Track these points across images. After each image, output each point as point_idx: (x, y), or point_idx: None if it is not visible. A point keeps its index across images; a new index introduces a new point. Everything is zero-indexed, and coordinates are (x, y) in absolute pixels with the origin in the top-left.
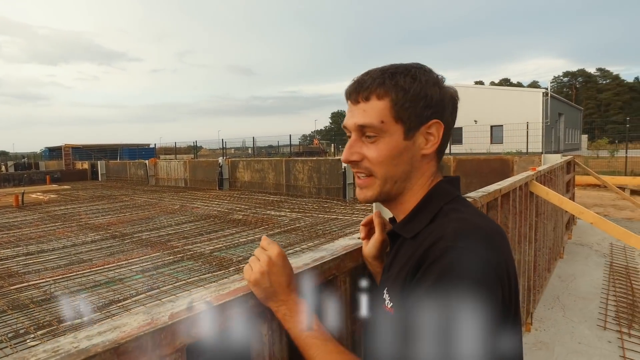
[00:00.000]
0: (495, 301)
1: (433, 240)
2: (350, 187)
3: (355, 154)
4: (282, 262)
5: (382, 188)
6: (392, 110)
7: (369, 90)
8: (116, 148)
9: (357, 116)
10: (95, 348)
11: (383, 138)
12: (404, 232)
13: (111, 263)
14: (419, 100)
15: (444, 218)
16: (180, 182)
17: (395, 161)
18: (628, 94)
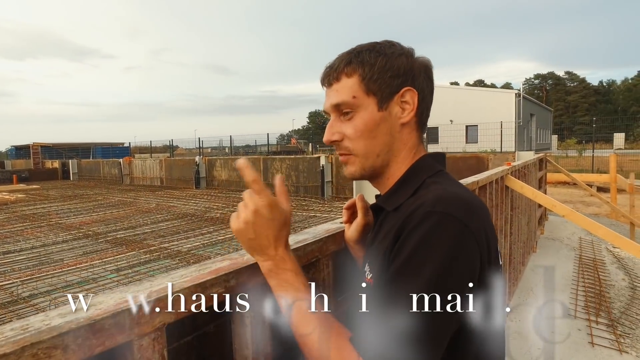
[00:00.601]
0: (473, 266)
1: (413, 208)
2: (329, 185)
3: (336, 133)
4: (271, 214)
5: (365, 163)
6: (362, 85)
7: (338, 71)
8: (89, 147)
9: (332, 97)
10: (69, 325)
11: (358, 112)
12: (386, 205)
13: (84, 262)
14: (385, 71)
15: (425, 189)
16: (156, 181)
17: (374, 134)
18: (593, 97)
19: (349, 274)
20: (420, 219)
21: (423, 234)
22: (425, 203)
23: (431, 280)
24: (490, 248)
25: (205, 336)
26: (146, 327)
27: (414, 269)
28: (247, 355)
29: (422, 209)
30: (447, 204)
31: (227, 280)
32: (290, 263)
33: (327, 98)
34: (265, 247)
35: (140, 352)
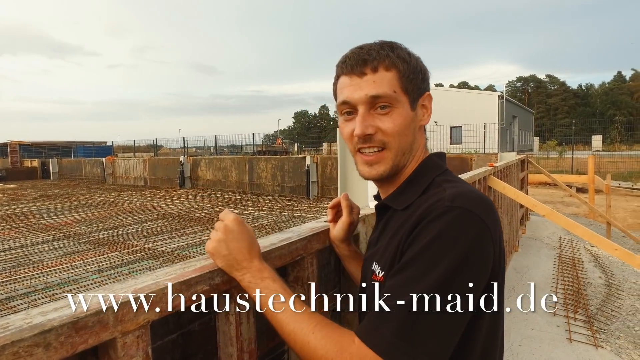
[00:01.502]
0: (488, 261)
1: (431, 203)
2: (314, 185)
3: (370, 126)
4: (239, 228)
5: (395, 161)
6: (400, 81)
7: (377, 62)
8: (70, 146)
9: (367, 87)
10: (51, 322)
11: (397, 108)
12: (395, 204)
13: (64, 263)
14: (418, 72)
15: (438, 188)
16: (140, 181)
17: (407, 131)
18: (573, 100)
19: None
20: (440, 212)
21: (442, 226)
22: (444, 198)
23: (447, 273)
24: (501, 244)
25: (190, 334)
26: (130, 324)
27: (431, 260)
28: (232, 352)
29: (440, 203)
30: (466, 200)
31: (211, 278)
32: (267, 272)
33: (359, 88)
34: (241, 261)
35: (124, 350)
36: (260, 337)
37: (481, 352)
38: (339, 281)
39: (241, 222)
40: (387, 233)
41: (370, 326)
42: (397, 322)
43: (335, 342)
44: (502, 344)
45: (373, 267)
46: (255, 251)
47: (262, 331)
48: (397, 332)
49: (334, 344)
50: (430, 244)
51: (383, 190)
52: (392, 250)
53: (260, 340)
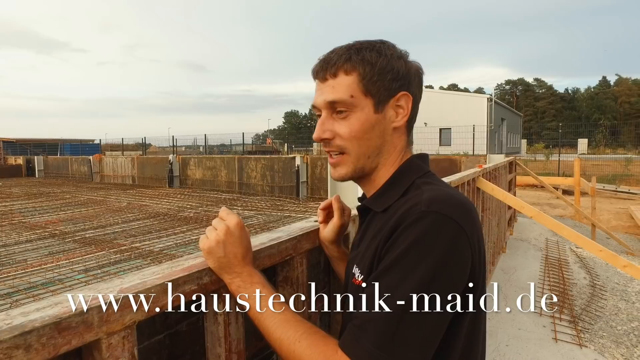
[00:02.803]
0: (466, 267)
1: (407, 207)
2: (304, 185)
3: (327, 131)
4: (240, 233)
5: (356, 164)
6: (361, 85)
7: (336, 67)
8: (56, 143)
9: (326, 93)
10: (32, 324)
11: (354, 113)
12: (374, 206)
13: (49, 263)
14: (386, 73)
15: (417, 190)
16: (128, 180)
17: (367, 135)
18: (560, 103)
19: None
20: (416, 217)
21: (418, 232)
22: (421, 202)
23: (424, 280)
24: (480, 249)
25: (178, 334)
26: (116, 325)
27: (407, 267)
28: (220, 353)
29: (417, 207)
30: (443, 205)
31: (200, 277)
32: (257, 277)
33: (320, 93)
34: (234, 265)
35: (109, 351)
36: (249, 337)
37: (461, 354)
38: (329, 281)
39: (243, 227)
40: (367, 236)
41: (351, 337)
42: (377, 333)
43: (319, 351)
44: (483, 345)
45: (354, 271)
46: (249, 257)
47: (250, 331)
48: (378, 343)
49: (318, 354)
50: (406, 251)
51: (365, 191)
52: (370, 254)
53: (249, 341)
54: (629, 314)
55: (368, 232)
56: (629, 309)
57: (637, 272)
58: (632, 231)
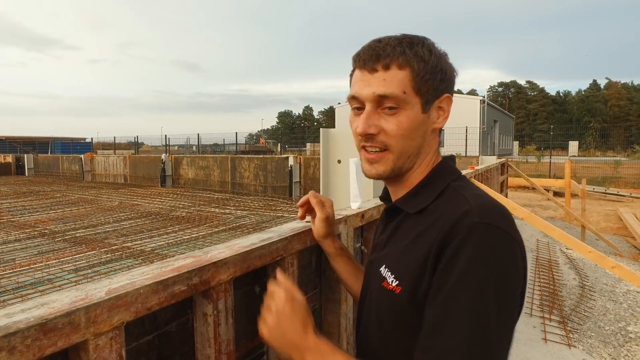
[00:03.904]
0: (522, 278)
1: (456, 217)
2: (297, 185)
3: (373, 126)
4: (290, 306)
5: (396, 163)
6: (413, 82)
7: (390, 59)
8: (47, 141)
9: (376, 85)
10: (17, 325)
11: (404, 110)
12: (407, 207)
13: (38, 263)
14: (436, 72)
15: (455, 193)
16: (120, 179)
17: (413, 135)
18: (551, 106)
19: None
20: (469, 230)
21: (477, 248)
22: (470, 212)
23: (495, 297)
24: (525, 257)
25: (167, 335)
26: (103, 325)
27: (475, 289)
28: (210, 354)
29: (468, 219)
30: (492, 215)
31: (189, 278)
32: (324, 345)
33: (367, 84)
34: (297, 341)
35: (96, 352)
36: (240, 338)
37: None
38: (320, 282)
39: (292, 298)
40: (399, 237)
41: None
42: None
43: None
44: None
45: (384, 273)
46: (309, 325)
47: (241, 332)
48: None
49: None
50: (468, 273)
51: (392, 191)
52: (412, 261)
53: (240, 341)
54: (617, 314)
55: (399, 234)
56: (616, 309)
57: (625, 273)
58: (620, 233)
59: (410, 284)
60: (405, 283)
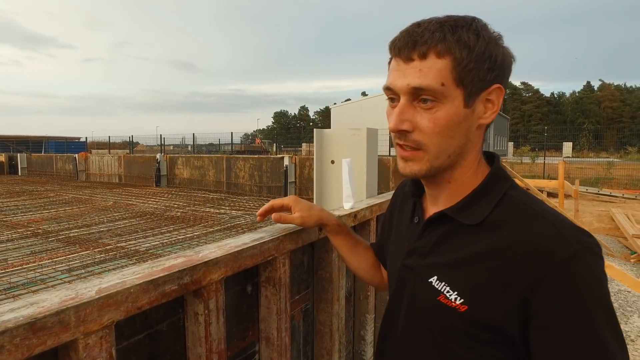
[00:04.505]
0: None
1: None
2: (292, 185)
3: (406, 122)
4: None
5: (433, 163)
6: (454, 72)
7: (427, 46)
8: (40, 140)
9: (411, 76)
10: (6, 324)
11: (442, 104)
12: (462, 218)
13: (31, 263)
14: (483, 60)
15: (522, 208)
16: (114, 178)
17: (452, 132)
18: (546, 107)
19: None
20: (573, 259)
21: (584, 280)
22: (564, 238)
23: (610, 329)
24: None
25: (158, 334)
26: (93, 325)
27: (592, 323)
28: (201, 353)
29: (565, 247)
30: (585, 239)
31: (180, 277)
32: None
33: (401, 74)
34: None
35: (86, 351)
36: (231, 337)
37: None
38: (312, 282)
39: None
40: (452, 249)
41: None
42: None
43: None
44: None
45: (438, 286)
46: None
47: (233, 331)
48: None
49: None
50: (584, 305)
51: (431, 191)
52: (484, 282)
53: (231, 340)
54: None
55: (453, 245)
56: None
57: (616, 273)
58: (612, 233)
59: (480, 306)
60: (474, 304)
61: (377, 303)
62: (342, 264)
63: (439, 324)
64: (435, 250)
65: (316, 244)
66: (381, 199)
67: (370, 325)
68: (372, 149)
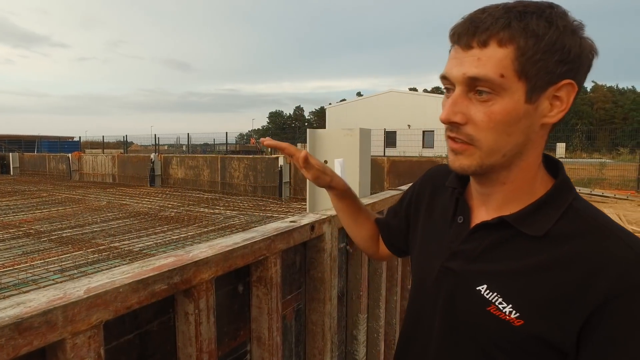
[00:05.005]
0: None
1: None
2: (287, 185)
3: (459, 114)
4: None
5: (484, 161)
6: (517, 63)
7: (489, 33)
8: (33, 140)
9: (468, 65)
10: None
11: (499, 97)
12: (524, 227)
13: (23, 263)
14: (553, 52)
15: (591, 223)
16: (108, 178)
17: (509, 129)
18: None
19: None
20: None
21: None
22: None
23: None
24: None
25: (148, 334)
26: (81, 324)
27: None
28: (191, 352)
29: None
30: None
31: (170, 277)
32: None
33: (458, 63)
34: None
35: (73, 351)
36: (222, 336)
37: None
38: (304, 282)
39: None
40: (508, 258)
41: None
42: None
43: None
44: None
45: (489, 296)
46: None
47: (224, 331)
48: None
49: None
50: None
51: (482, 190)
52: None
53: (222, 340)
54: None
55: (509, 254)
56: None
57: None
58: None
59: (538, 321)
60: (531, 318)
61: (370, 303)
62: (334, 264)
63: (486, 335)
64: (485, 256)
65: (308, 243)
66: (374, 198)
67: (362, 325)
68: (365, 150)
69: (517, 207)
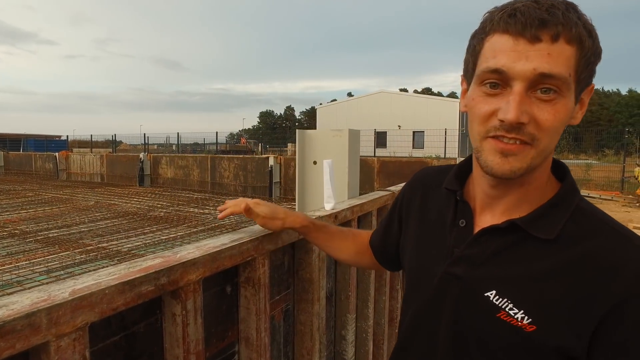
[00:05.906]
0: None
1: (636, 262)
2: (277, 185)
3: (525, 114)
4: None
5: (533, 162)
6: (579, 63)
7: (561, 27)
8: (19, 138)
9: (538, 60)
10: None
11: (563, 97)
12: (535, 230)
13: (7, 264)
14: (597, 55)
15: (596, 222)
16: (96, 178)
17: (561, 130)
18: None
19: None
20: None
21: None
22: None
23: None
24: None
25: (135, 335)
26: (66, 326)
27: None
28: (178, 354)
29: None
30: None
31: (157, 278)
32: None
33: (525, 57)
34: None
35: (57, 354)
36: (210, 337)
37: None
38: (293, 282)
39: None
40: (518, 262)
41: None
42: None
43: None
44: None
45: (498, 302)
46: None
47: (211, 332)
48: None
49: None
50: None
51: (493, 192)
52: (557, 301)
53: (210, 341)
54: None
55: (518, 258)
56: None
57: None
58: None
59: (551, 327)
60: (544, 324)
61: (359, 303)
62: (322, 265)
63: (496, 342)
64: (492, 260)
65: (297, 244)
66: (363, 199)
67: (351, 325)
68: (354, 150)
69: (527, 210)
